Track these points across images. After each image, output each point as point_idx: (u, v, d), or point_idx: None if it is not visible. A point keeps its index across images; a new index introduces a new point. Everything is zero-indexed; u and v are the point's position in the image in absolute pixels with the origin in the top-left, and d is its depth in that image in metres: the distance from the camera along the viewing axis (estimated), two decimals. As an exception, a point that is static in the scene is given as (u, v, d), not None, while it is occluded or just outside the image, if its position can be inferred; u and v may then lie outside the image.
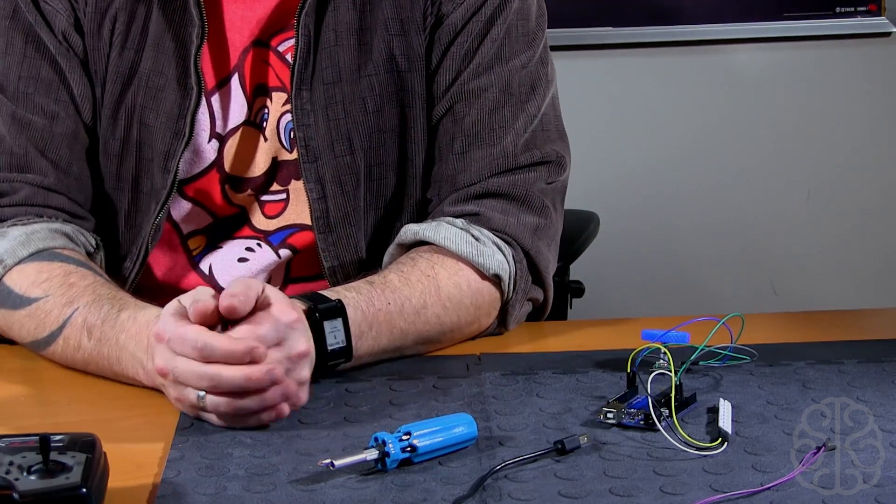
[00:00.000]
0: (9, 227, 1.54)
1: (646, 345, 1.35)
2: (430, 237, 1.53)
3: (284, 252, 1.62)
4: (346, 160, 1.58)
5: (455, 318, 1.51)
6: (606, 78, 3.05)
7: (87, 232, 1.59)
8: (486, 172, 1.57)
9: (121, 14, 1.58)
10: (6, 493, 1.09)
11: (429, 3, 1.58)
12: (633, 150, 3.09)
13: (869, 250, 3.20)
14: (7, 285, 1.50)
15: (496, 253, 1.53)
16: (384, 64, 1.58)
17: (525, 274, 1.56)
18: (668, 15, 3.03)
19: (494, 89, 1.58)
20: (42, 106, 1.58)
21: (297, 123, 1.56)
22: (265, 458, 1.25)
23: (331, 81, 1.57)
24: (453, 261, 1.52)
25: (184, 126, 1.56)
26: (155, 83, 1.57)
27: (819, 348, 1.47)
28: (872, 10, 3.05)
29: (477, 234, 1.53)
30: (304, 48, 1.55)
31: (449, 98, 1.59)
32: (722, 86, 3.09)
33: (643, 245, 3.14)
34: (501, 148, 1.57)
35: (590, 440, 1.25)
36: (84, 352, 1.43)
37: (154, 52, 1.57)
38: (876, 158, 3.15)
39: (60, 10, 1.58)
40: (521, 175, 1.58)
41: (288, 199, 1.61)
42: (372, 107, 1.58)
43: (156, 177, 1.58)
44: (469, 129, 1.58)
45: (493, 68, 1.59)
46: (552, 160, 1.59)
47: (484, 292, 1.53)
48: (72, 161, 1.59)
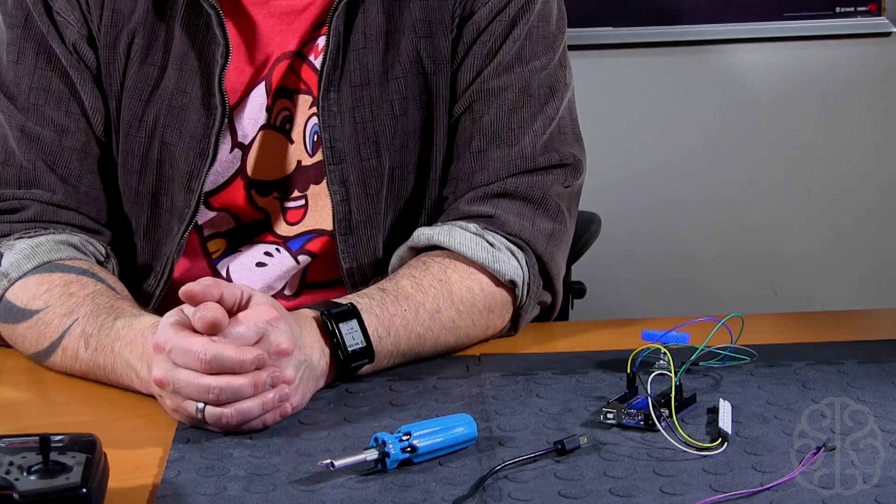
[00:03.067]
0: (15, 240, 1.53)
1: (646, 345, 1.35)
2: (445, 242, 1.52)
3: (303, 258, 1.61)
4: (371, 163, 1.57)
5: (469, 321, 1.51)
6: (606, 78, 3.04)
7: (97, 242, 1.58)
8: (504, 172, 1.57)
9: (140, 30, 1.56)
10: (6, 493, 1.09)
11: (457, 4, 1.58)
12: (634, 150, 3.09)
13: (869, 251, 3.19)
14: (9, 300, 1.50)
15: (511, 259, 1.53)
16: (411, 66, 1.58)
17: (537, 278, 1.56)
18: (668, 15, 3.02)
19: (514, 89, 1.58)
20: (52, 118, 1.57)
21: (324, 125, 1.55)
22: (265, 459, 1.25)
23: (359, 84, 1.56)
24: (465, 265, 1.52)
25: (207, 146, 1.55)
26: (178, 102, 1.55)
27: (819, 348, 1.47)
28: (872, 10, 3.05)
29: (491, 241, 1.53)
30: (333, 50, 1.54)
31: (469, 96, 1.59)
32: (722, 86, 3.09)
33: (644, 245, 3.14)
34: (520, 148, 1.57)
35: (590, 440, 1.25)
36: (81, 362, 1.43)
37: (178, 70, 1.55)
38: (876, 158, 3.15)
39: (73, 23, 1.56)
40: (539, 177, 1.57)
41: (307, 204, 1.60)
42: (399, 110, 1.58)
43: (177, 195, 1.57)
44: (487, 128, 1.58)
45: (513, 68, 1.58)
46: (570, 163, 1.59)
47: (497, 297, 1.53)
48: (82, 175, 1.58)
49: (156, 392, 1.34)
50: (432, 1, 1.58)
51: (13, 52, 1.58)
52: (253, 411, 1.29)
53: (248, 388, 1.28)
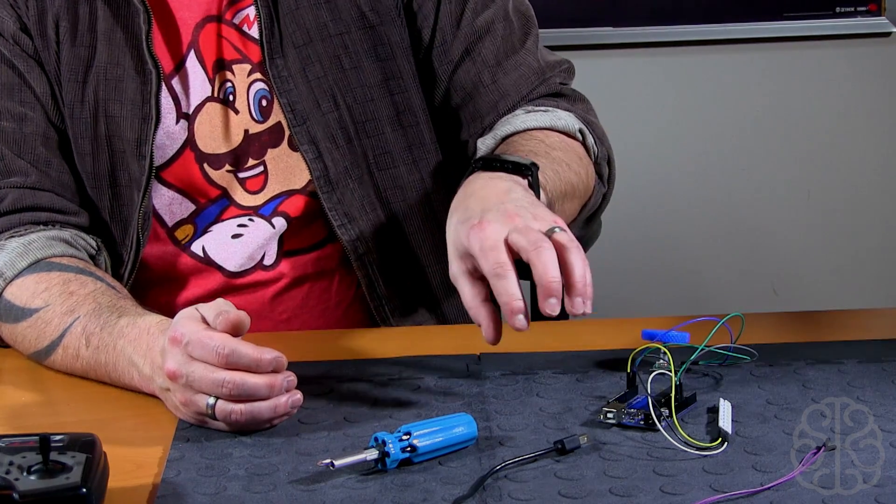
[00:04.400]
0: (6, 239, 1.54)
1: (646, 345, 1.35)
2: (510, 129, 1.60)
3: (278, 221, 1.62)
4: (333, 116, 1.61)
5: (584, 170, 1.60)
6: (606, 78, 3.04)
7: (85, 235, 1.59)
8: (525, 89, 1.66)
9: (63, 14, 1.60)
10: (6, 493, 1.09)
11: None
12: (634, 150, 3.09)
13: (869, 250, 3.20)
14: (7, 299, 1.50)
15: (567, 116, 1.61)
16: (354, 21, 1.62)
17: (593, 137, 1.64)
18: (668, 15, 3.02)
19: (499, 19, 1.66)
20: (8, 109, 1.59)
21: (280, 90, 1.59)
22: (265, 458, 1.25)
23: (302, 44, 1.60)
24: (548, 130, 1.60)
25: (150, 110, 1.58)
26: (114, 74, 1.59)
27: (819, 348, 1.47)
28: (872, 10, 3.05)
29: (544, 109, 1.62)
30: (266, 18, 1.58)
31: (460, 40, 1.64)
32: (722, 86, 3.09)
33: (644, 245, 3.14)
34: (527, 66, 1.66)
35: (590, 440, 1.25)
36: (82, 360, 1.43)
37: (107, 45, 1.59)
38: (876, 158, 3.15)
39: (5, 17, 1.60)
40: (552, 81, 1.67)
41: (266, 171, 1.62)
42: (348, 63, 1.61)
43: (132, 166, 1.59)
44: (491, 60, 1.65)
45: (493, 1, 1.66)
46: (567, 65, 1.71)
47: (577, 147, 1.61)
48: (50, 159, 1.60)
49: (159, 387, 1.34)
50: None
51: None
52: (264, 413, 1.29)
53: (263, 388, 1.28)
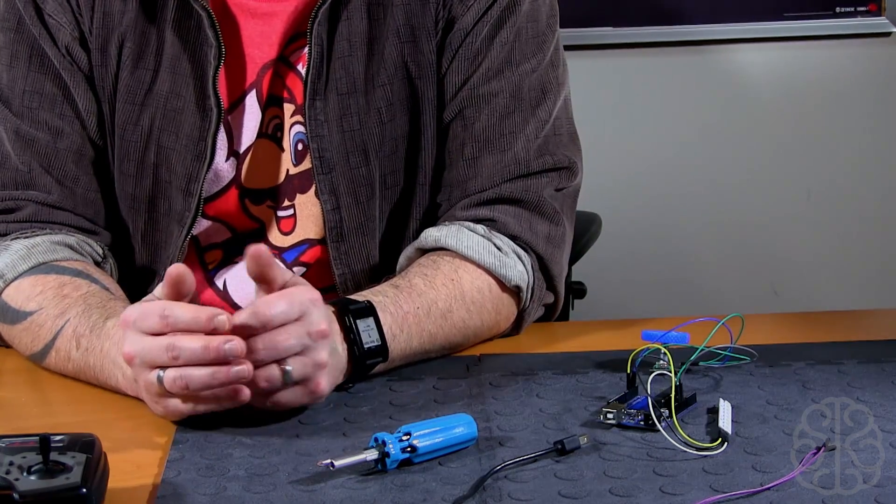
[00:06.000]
0: (11, 240, 1.53)
1: (646, 345, 1.35)
2: (453, 245, 1.52)
3: (298, 270, 1.60)
4: (361, 171, 1.56)
5: (479, 322, 1.51)
6: (606, 78, 3.04)
7: (94, 242, 1.58)
8: (498, 178, 1.56)
9: (130, 34, 1.56)
10: (6, 493, 1.09)
11: (440, 7, 1.57)
12: (634, 150, 3.09)
13: (869, 250, 3.19)
14: (5, 301, 1.50)
15: (517, 263, 1.53)
16: (396, 72, 1.57)
17: (540, 281, 1.56)
18: (669, 15, 3.02)
19: (504, 94, 1.57)
20: (46, 121, 1.57)
21: (311, 134, 1.54)
22: (265, 459, 1.25)
23: (345, 92, 1.55)
24: (474, 266, 1.52)
25: (205, 148, 1.54)
26: (173, 105, 1.55)
27: (819, 348, 1.47)
28: (872, 10, 3.05)
29: (499, 244, 1.53)
30: (317, 58, 1.53)
31: (459, 102, 1.58)
32: (722, 86, 3.09)
33: (644, 245, 3.14)
34: (513, 154, 1.56)
35: (590, 440, 1.25)
36: (73, 363, 1.42)
37: (171, 74, 1.55)
38: (876, 158, 3.15)
39: (65, 24, 1.56)
40: (534, 181, 1.57)
41: (295, 214, 1.60)
42: (386, 116, 1.57)
43: (175, 199, 1.57)
44: (479, 135, 1.57)
45: (502, 73, 1.57)
46: (564, 166, 1.59)
47: (504, 300, 1.53)
48: (78, 176, 1.58)
49: (140, 385, 1.31)
50: (415, 5, 1.56)
51: (6, 55, 1.58)
52: (202, 378, 1.26)
53: (199, 349, 1.26)
